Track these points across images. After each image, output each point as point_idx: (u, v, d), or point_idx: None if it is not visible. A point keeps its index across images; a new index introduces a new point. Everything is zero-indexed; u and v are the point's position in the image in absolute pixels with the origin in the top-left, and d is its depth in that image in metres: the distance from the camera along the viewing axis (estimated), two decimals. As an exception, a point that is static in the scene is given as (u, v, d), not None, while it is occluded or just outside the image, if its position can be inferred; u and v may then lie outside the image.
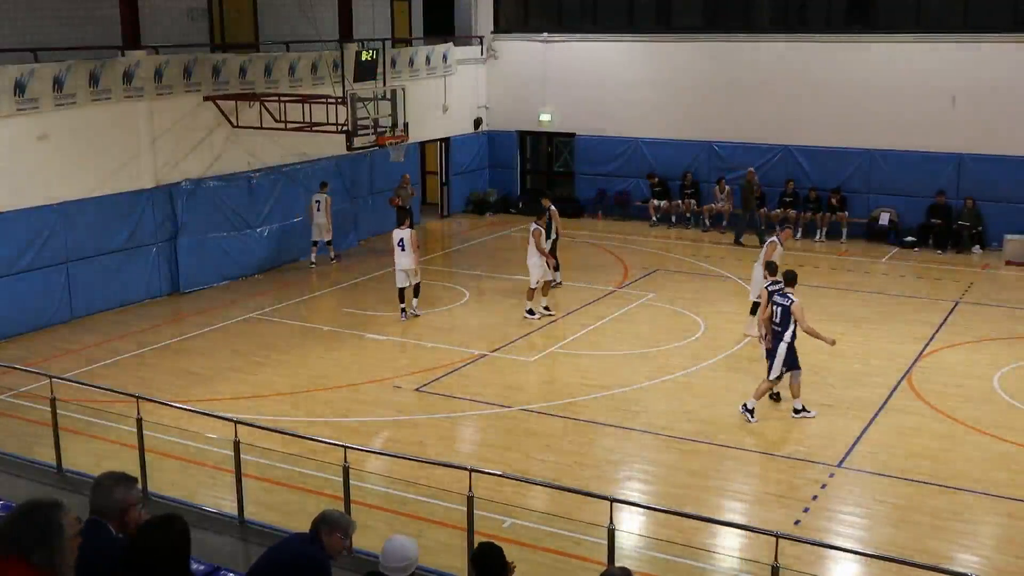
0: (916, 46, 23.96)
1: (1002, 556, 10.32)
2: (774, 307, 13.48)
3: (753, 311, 16.41)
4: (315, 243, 22.50)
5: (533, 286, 18.20)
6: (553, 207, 19.76)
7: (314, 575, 6.38)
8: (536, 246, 18.09)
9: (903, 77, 24.01)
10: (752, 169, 24.44)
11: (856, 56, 24.56)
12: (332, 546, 6.38)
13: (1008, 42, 23.08)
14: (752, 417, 13.49)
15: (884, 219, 24.26)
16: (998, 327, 17.76)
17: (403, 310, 18.21)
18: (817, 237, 24.88)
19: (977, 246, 23.54)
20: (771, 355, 13.52)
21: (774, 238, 17.02)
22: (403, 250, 17.77)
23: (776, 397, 14.20)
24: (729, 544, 10.52)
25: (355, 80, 20.29)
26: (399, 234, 17.87)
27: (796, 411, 13.62)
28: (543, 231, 18.62)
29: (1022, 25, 23.24)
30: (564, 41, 27.83)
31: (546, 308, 18.44)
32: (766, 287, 13.97)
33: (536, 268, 18.11)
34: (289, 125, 20.69)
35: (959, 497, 11.52)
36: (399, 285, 18.06)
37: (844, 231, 24.55)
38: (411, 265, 17.87)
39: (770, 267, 14.77)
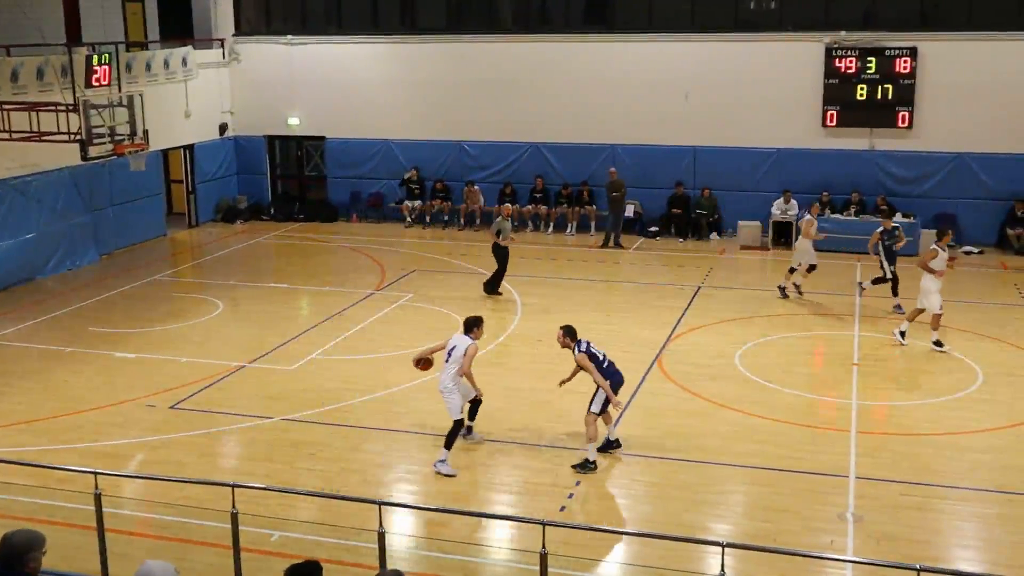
0: (650, 45, 25.13)
1: (751, 522, 10.98)
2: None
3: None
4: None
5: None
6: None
7: None
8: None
9: (639, 74, 25.12)
10: (613, 169, 24.56)
11: (595, 55, 25.48)
12: (36, 570, 6.15)
13: (731, 41, 24.55)
14: None
15: (629, 211, 25.30)
16: (736, 308, 18.92)
17: None
18: (568, 231, 25.69)
19: (714, 233, 24.97)
20: None
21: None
22: None
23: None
24: (501, 535, 10.69)
25: (87, 86, 19.21)
26: None
27: None
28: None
29: (743, 25, 24.80)
30: (309, 43, 27.43)
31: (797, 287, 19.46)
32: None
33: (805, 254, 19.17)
34: (14, 135, 19.34)
35: (710, 470, 12.19)
36: None
37: (592, 224, 25.43)
38: None
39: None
